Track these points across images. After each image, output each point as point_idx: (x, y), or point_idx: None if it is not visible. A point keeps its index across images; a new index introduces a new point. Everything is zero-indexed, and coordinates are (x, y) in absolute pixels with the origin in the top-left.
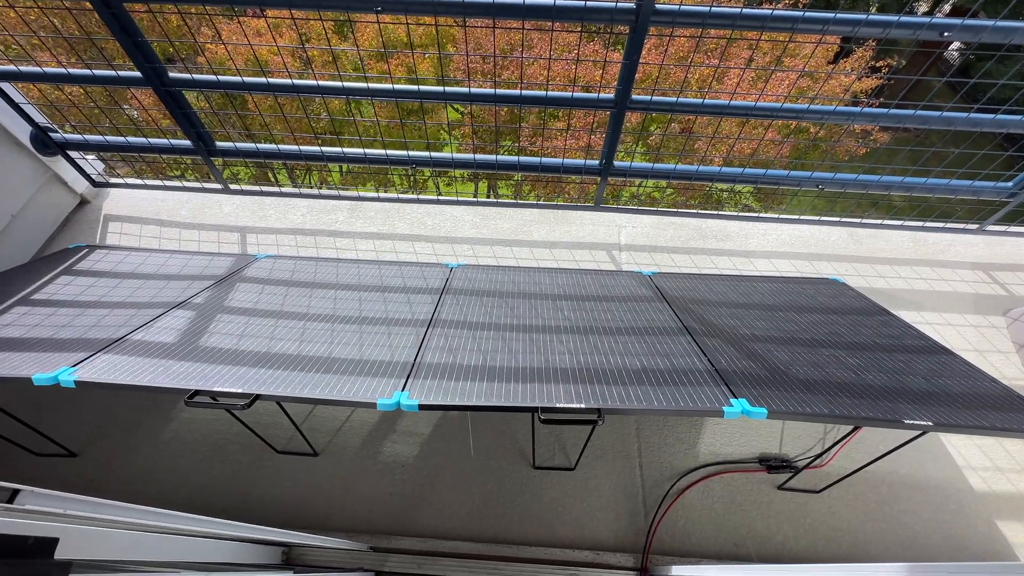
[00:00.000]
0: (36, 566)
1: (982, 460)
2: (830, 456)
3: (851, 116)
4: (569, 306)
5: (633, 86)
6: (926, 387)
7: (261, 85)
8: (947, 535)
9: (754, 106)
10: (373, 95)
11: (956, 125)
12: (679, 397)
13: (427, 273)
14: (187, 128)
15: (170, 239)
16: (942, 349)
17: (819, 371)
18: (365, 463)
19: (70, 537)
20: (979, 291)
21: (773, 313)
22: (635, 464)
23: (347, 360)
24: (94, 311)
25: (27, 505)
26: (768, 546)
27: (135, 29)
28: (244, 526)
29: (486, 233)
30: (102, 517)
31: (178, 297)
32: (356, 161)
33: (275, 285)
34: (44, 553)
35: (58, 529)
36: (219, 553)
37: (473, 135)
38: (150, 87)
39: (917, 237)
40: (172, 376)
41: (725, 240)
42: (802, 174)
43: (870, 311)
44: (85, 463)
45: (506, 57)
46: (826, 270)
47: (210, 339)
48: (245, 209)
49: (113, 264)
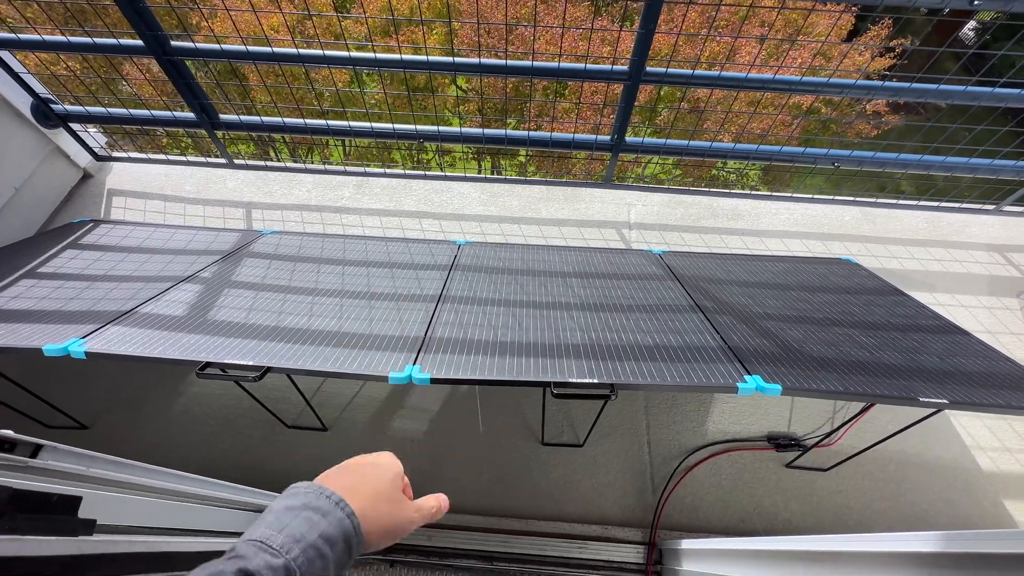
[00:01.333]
0: (62, 521)
1: (991, 440)
2: (839, 435)
3: (871, 90)
4: (579, 283)
5: (647, 59)
6: (941, 366)
7: (266, 54)
8: (954, 514)
9: (772, 79)
10: (380, 65)
11: (980, 100)
12: (692, 373)
13: (435, 250)
14: (190, 100)
15: (175, 214)
16: (957, 329)
17: (833, 349)
18: (375, 438)
19: (94, 497)
20: (994, 273)
21: (785, 292)
22: (643, 441)
23: (357, 335)
24: (101, 284)
25: (49, 462)
26: (775, 522)
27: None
28: (256, 491)
29: (494, 211)
30: (123, 479)
31: (185, 271)
32: (362, 135)
33: (282, 260)
34: (68, 510)
35: (80, 489)
36: (231, 521)
37: (480, 112)
38: (152, 56)
39: (932, 217)
40: (182, 348)
41: (736, 219)
42: (818, 151)
43: (883, 291)
44: (95, 436)
45: (515, 27)
46: (838, 250)
47: (219, 313)
48: (249, 184)
49: (119, 238)
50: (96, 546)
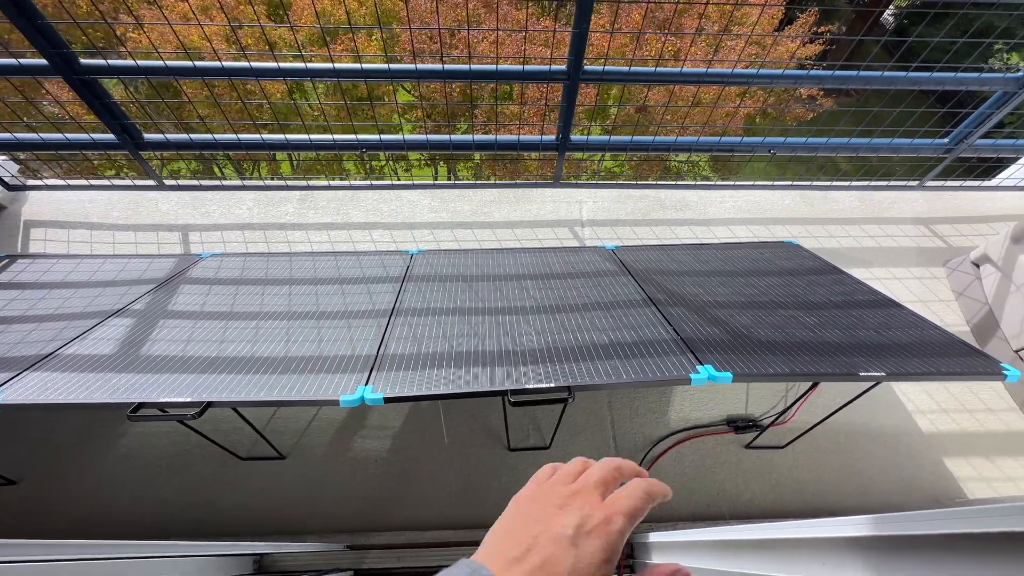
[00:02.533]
0: None
1: (929, 403)
2: (792, 412)
3: (798, 79)
4: (534, 285)
5: (584, 58)
6: (878, 340)
7: (187, 69)
8: (899, 478)
9: (705, 73)
10: (313, 75)
11: (897, 84)
12: (647, 368)
13: (387, 261)
14: (108, 120)
15: (103, 243)
16: (891, 303)
17: (779, 332)
18: (336, 462)
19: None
20: (921, 244)
21: (733, 279)
22: (609, 436)
23: (305, 358)
24: (18, 327)
25: None
26: (738, 503)
27: (33, 10)
28: (201, 544)
29: (445, 216)
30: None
31: (115, 305)
32: (301, 148)
33: (223, 285)
34: None
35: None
36: (182, 571)
37: (427, 119)
38: (60, 76)
39: (863, 196)
40: (111, 390)
41: (684, 210)
42: (754, 140)
43: (824, 270)
44: (26, 490)
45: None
46: (781, 233)
47: (153, 347)
48: (185, 206)
49: (39, 274)
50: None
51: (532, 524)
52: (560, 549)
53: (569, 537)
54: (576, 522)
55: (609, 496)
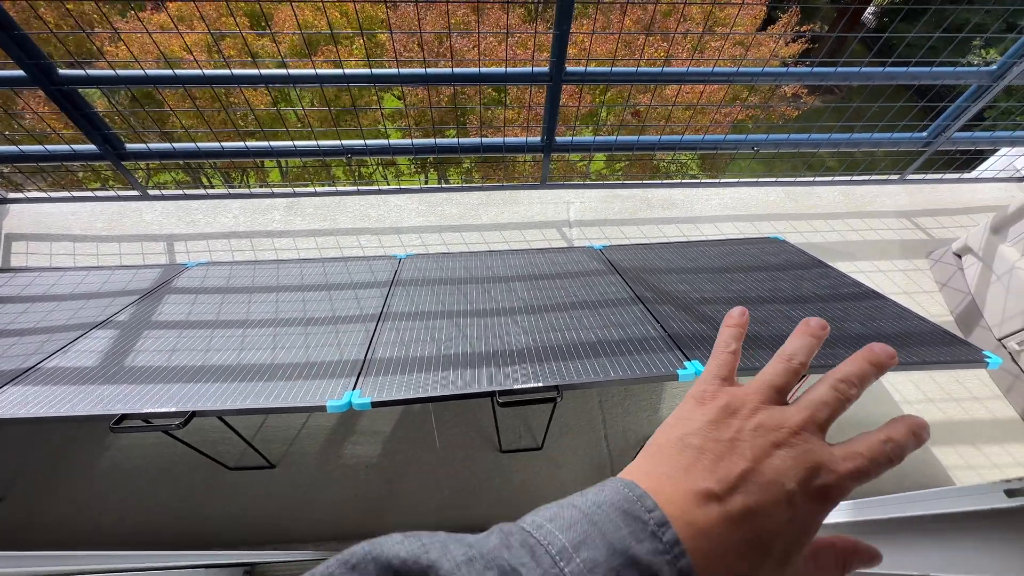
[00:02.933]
0: None
1: (916, 393)
2: None
3: (778, 76)
4: (523, 287)
5: (567, 59)
6: (863, 331)
7: (167, 77)
8: None
9: (686, 72)
10: (295, 81)
11: (874, 79)
12: (635, 366)
13: (374, 266)
14: (89, 131)
15: (86, 255)
16: (875, 295)
17: (766, 326)
18: (326, 468)
19: None
20: (904, 237)
21: (721, 275)
22: (601, 435)
23: (292, 364)
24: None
25: None
26: None
27: (9, 21)
28: (189, 555)
29: (433, 220)
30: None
31: (98, 317)
32: (286, 155)
33: (209, 294)
34: None
35: None
36: None
37: (415, 125)
38: (38, 87)
39: (846, 191)
40: (94, 402)
41: (671, 208)
42: (738, 137)
43: (809, 265)
44: (11, 506)
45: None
46: (767, 229)
47: (137, 358)
48: (169, 216)
49: (20, 288)
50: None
51: (736, 457)
52: (774, 503)
53: (788, 492)
54: (801, 475)
55: (841, 444)
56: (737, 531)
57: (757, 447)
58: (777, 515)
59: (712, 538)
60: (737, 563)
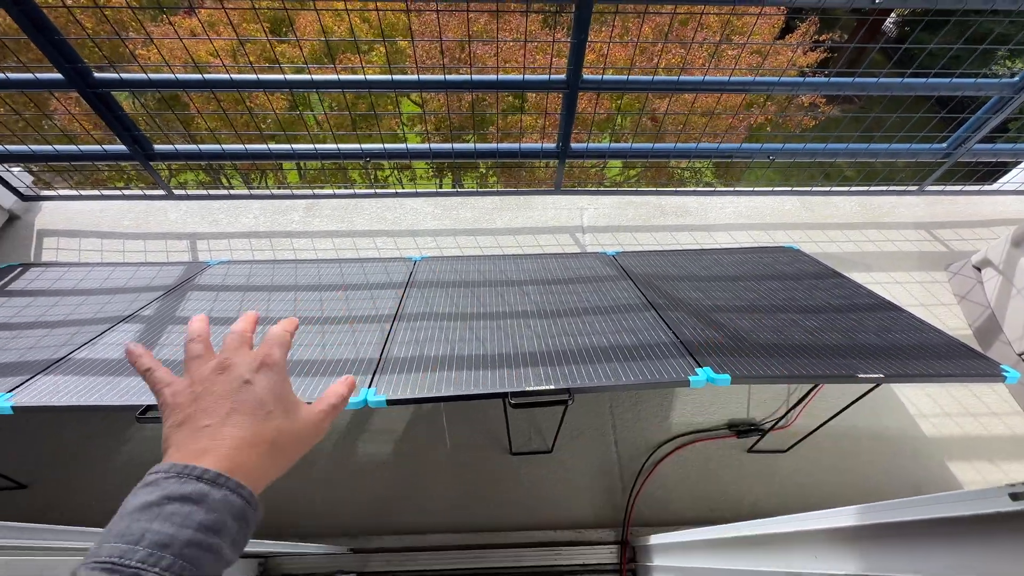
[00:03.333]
0: None
1: (932, 407)
2: (794, 416)
3: (795, 86)
4: (535, 291)
5: (583, 66)
6: (878, 342)
7: (196, 81)
8: (905, 480)
9: (703, 80)
10: (317, 86)
11: (892, 90)
12: (646, 371)
13: (390, 268)
14: (120, 132)
15: (113, 251)
16: (891, 306)
17: (779, 335)
18: (339, 466)
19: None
20: (922, 249)
21: (734, 283)
22: (610, 441)
23: (309, 361)
24: (31, 333)
25: None
26: (741, 507)
27: (50, 26)
28: None
29: (448, 224)
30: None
31: (124, 311)
32: (307, 157)
33: (230, 291)
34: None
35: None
36: None
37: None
38: (75, 90)
39: (863, 201)
40: (120, 393)
41: (685, 216)
42: (753, 146)
43: (824, 275)
44: (37, 494)
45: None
46: (782, 239)
47: (161, 351)
48: (193, 215)
49: (51, 282)
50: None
51: (212, 397)
52: (241, 392)
53: (244, 379)
54: (244, 370)
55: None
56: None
57: (217, 384)
58: (248, 395)
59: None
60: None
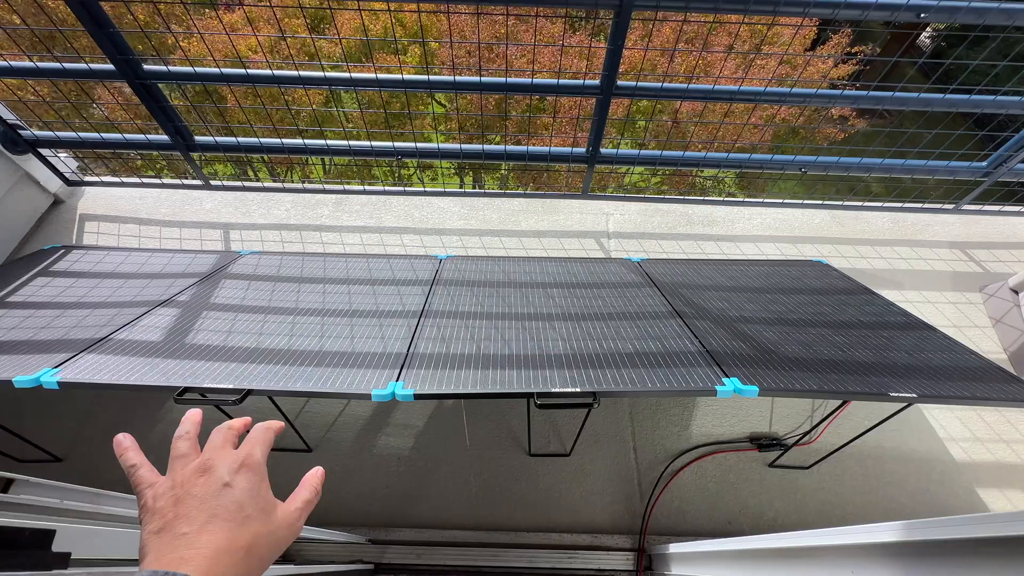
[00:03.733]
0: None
1: (962, 431)
2: (818, 433)
3: (832, 99)
4: (560, 294)
5: (618, 73)
6: (909, 361)
7: (240, 76)
8: (931, 504)
9: (737, 90)
10: (356, 84)
11: (933, 106)
12: (672, 378)
13: (416, 265)
14: (164, 122)
15: (150, 238)
16: (924, 325)
17: (807, 349)
18: (360, 457)
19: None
20: (956, 269)
21: (761, 295)
22: (629, 448)
23: (339, 353)
24: (74, 312)
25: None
26: (761, 522)
27: (106, 20)
28: None
29: (474, 224)
30: (98, 510)
31: (161, 295)
32: (340, 153)
33: (261, 281)
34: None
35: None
36: None
37: (459, 130)
38: (124, 80)
39: (896, 218)
40: (159, 374)
41: (711, 225)
42: (785, 158)
43: (854, 291)
44: (70, 468)
45: (492, 45)
46: (810, 252)
47: (197, 336)
48: (227, 205)
49: (92, 264)
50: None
51: (192, 500)
52: (221, 496)
53: (224, 483)
54: (224, 472)
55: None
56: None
57: (198, 485)
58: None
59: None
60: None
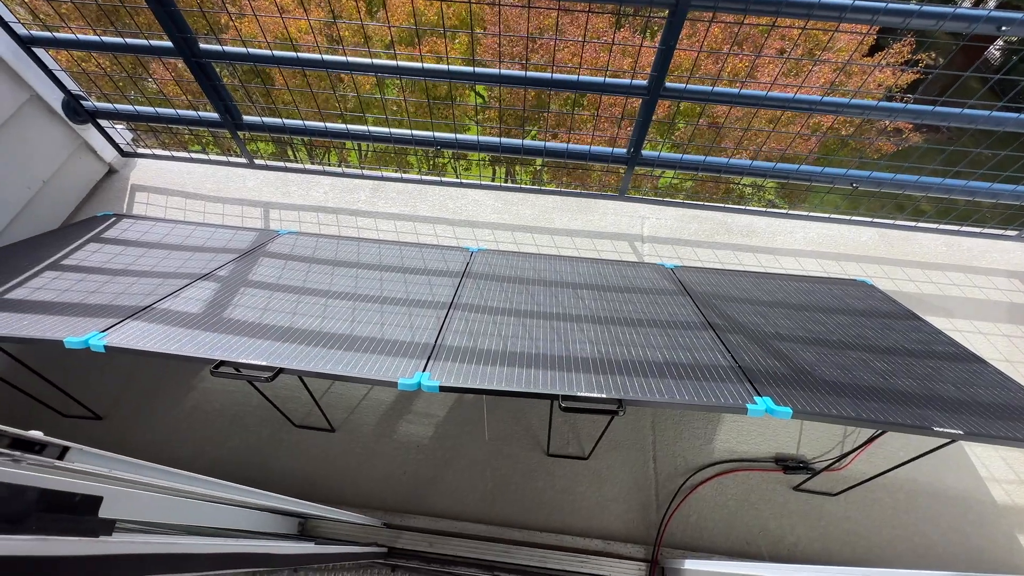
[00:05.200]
0: (84, 521)
1: (1006, 472)
2: (849, 460)
3: (893, 112)
4: (590, 295)
5: (667, 74)
6: (956, 395)
7: (290, 59)
8: (966, 546)
9: (792, 98)
10: (402, 73)
11: (1006, 125)
12: (701, 392)
13: (448, 256)
14: (215, 101)
15: (195, 211)
16: (974, 357)
17: (845, 373)
18: (381, 441)
19: (113, 497)
20: (1013, 300)
21: (799, 312)
22: (649, 457)
23: (368, 339)
24: (122, 279)
25: (75, 463)
26: (781, 546)
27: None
28: (267, 494)
29: (507, 219)
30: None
31: (203, 269)
32: (382, 140)
33: (297, 261)
34: (90, 510)
35: (102, 489)
36: (243, 520)
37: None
38: (181, 58)
39: (951, 241)
40: (198, 345)
41: (751, 236)
42: (836, 171)
43: (899, 315)
44: (109, 426)
45: (536, 38)
46: (854, 271)
47: (234, 311)
48: (268, 184)
49: (140, 233)
50: (117, 547)
51: None
52: None
53: None
54: None
55: None
56: None
57: None
58: None
59: None
60: None
